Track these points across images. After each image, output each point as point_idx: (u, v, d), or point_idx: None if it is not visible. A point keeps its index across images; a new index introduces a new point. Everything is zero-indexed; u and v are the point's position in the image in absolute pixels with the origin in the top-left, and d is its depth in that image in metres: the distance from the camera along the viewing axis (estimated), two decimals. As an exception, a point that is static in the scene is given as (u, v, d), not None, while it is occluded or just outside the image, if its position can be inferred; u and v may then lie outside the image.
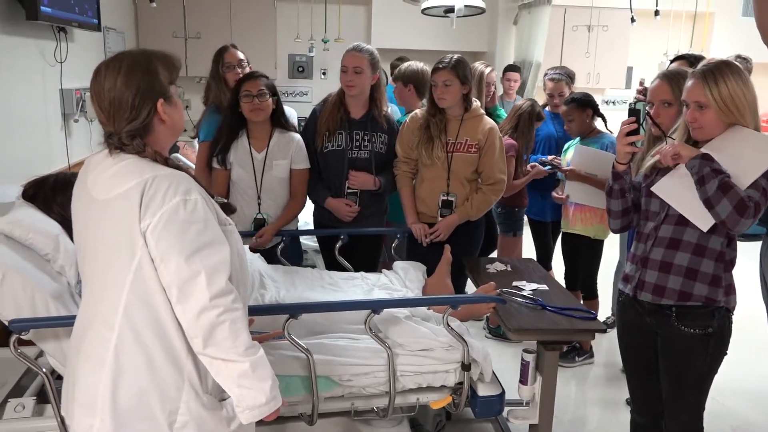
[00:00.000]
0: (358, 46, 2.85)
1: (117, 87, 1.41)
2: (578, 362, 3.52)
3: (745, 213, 1.72)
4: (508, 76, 5.35)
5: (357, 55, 2.79)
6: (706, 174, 1.76)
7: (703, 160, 1.79)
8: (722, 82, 1.78)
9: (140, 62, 1.44)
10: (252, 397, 1.41)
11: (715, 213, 1.76)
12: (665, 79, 2.21)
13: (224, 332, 1.36)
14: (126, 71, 1.42)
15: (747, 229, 1.76)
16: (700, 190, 1.78)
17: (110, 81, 1.41)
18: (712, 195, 1.75)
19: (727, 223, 1.75)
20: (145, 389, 1.38)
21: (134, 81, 1.41)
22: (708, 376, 1.94)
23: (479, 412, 2.16)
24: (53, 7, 3.34)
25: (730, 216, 1.73)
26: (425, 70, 3.32)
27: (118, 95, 1.41)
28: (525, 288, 2.47)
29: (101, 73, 1.43)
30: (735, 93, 1.78)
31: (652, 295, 1.93)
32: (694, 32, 6.05)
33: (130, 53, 1.48)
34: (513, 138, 3.47)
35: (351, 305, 2.20)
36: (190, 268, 1.34)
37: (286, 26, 6.25)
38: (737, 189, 1.74)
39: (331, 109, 2.86)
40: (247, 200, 2.84)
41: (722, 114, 1.80)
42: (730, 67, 1.81)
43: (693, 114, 1.84)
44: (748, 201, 1.73)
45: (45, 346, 1.82)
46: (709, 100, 1.79)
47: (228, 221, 1.54)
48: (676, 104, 2.15)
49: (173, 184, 1.37)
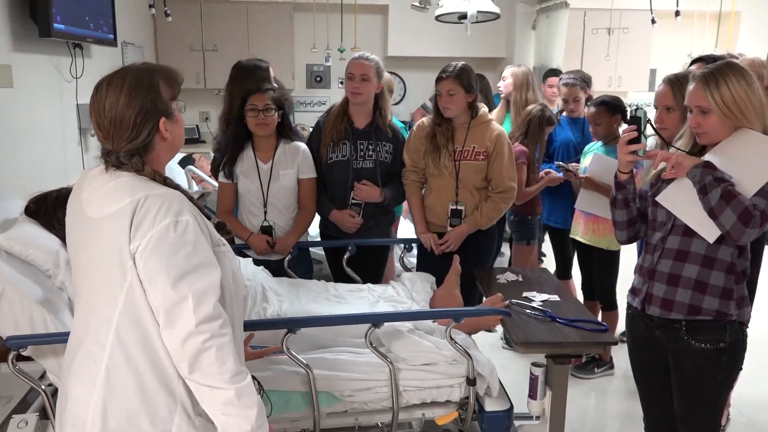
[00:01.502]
0: (363, 54, 2.84)
1: (119, 106, 1.38)
2: (597, 374, 3.42)
3: (750, 222, 1.64)
4: (549, 82, 4.84)
5: (364, 63, 2.77)
6: (708, 183, 1.69)
7: (704, 168, 1.71)
8: (724, 85, 1.70)
9: (143, 80, 1.41)
10: (237, 425, 1.37)
11: (720, 223, 1.68)
12: (668, 84, 2.13)
13: (210, 358, 1.33)
14: (128, 90, 1.38)
15: (754, 238, 1.68)
16: (702, 200, 1.70)
17: (111, 99, 1.38)
18: (715, 205, 1.67)
19: (732, 234, 1.67)
20: (135, 411, 1.36)
21: (137, 100, 1.38)
22: (721, 393, 1.85)
23: (486, 428, 2.10)
24: (67, 24, 3.39)
25: (734, 227, 1.65)
26: None
27: (119, 115, 1.38)
28: (535, 299, 2.40)
29: (102, 91, 1.40)
30: (738, 96, 1.70)
31: (660, 309, 1.85)
32: (720, 32, 5.90)
33: (131, 69, 1.44)
34: (524, 144, 3.40)
35: (350, 319, 2.16)
36: (176, 292, 1.31)
37: (302, 37, 6.28)
38: (741, 198, 1.66)
39: (335, 120, 2.84)
40: (254, 211, 2.83)
41: (726, 118, 1.72)
42: (733, 68, 1.73)
43: (696, 119, 1.76)
44: (753, 210, 1.65)
45: (44, 363, 1.82)
46: (711, 105, 1.72)
47: (222, 242, 1.50)
48: (678, 109, 2.07)
49: (165, 204, 1.35)
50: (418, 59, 6.52)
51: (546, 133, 3.46)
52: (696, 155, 1.83)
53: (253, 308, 2.21)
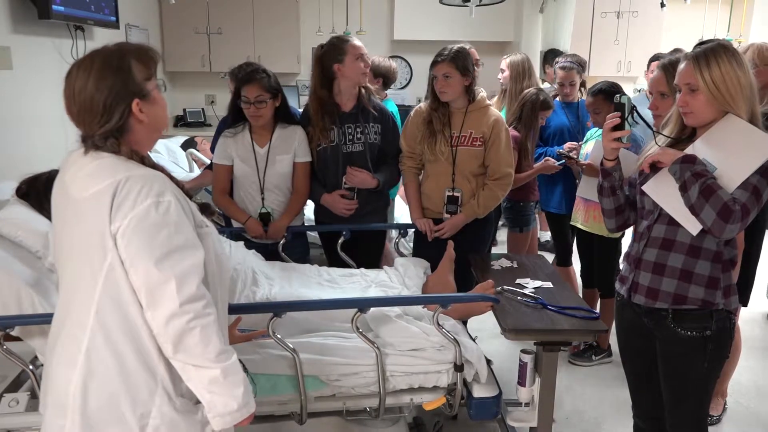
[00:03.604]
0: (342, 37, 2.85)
1: (87, 89, 1.36)
2: (595, 361, 3.41)
3: (730, 218, 1.61)
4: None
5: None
6: (687, 179, 1.66)
7: (683, 163, 1.68)
8: (715, 64, 1.66)
9: (111, 61, 1.38)
10: (223, 403, 1.39)
11: (701, 220, 1.66)
12: (662, 69, 2.09)
13: (195, 338, 1.33)
14: (97, 72, 1.36)
15: (737, 233, 1.65)
16: (683, 197, 1.68)
17: (81, 82, 1.36)
18: (695, 201, 1.65)
19: (713, 231, 1.65)
20: (116, 392, 1.37)
21: (105, 82, 1.36)
22: (708, 380, 1.83)
23: (474, 414, 2.10)
24: (66, 6, 3.39)
25: (715, 224, 1.63)
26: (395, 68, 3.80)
27: (88, 98, 1.36)
28: (527, 286, 2.39)
29: (72, 75, 1.39)
30: (728, 76, 1.66)
31: (646, 297, 1.83)
32: (732, 16, 5.78)
33: (102, 51, 1.42)
34: (517, 129, 3.35)
35: (336, 303, 2.16)
36: (159, 273, 1.31)
37: (308, 20, 6.24)
38: (720, 193, 1.63)
39: (319, 105, 2.81)
40: (250, 196, 2.83)
41: (713, 98, 1.68)
42: (726, 48, 1.69)
43: (684, 98, 1.72)
44: (732, 205, 1.62)
45: (32, 343, 1.85)
46: (699, 83, 1.68)
47: (205, 223, 1.50)
48: (672, 95, 2.03)
49: (146, 185, 1.35)
50: (425, 43, 6.45)
51: (542, 118, 3.41)
52: (683, 142, 1.80)
53: (243, 292, 2.22)
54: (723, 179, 1.66)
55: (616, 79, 3.40)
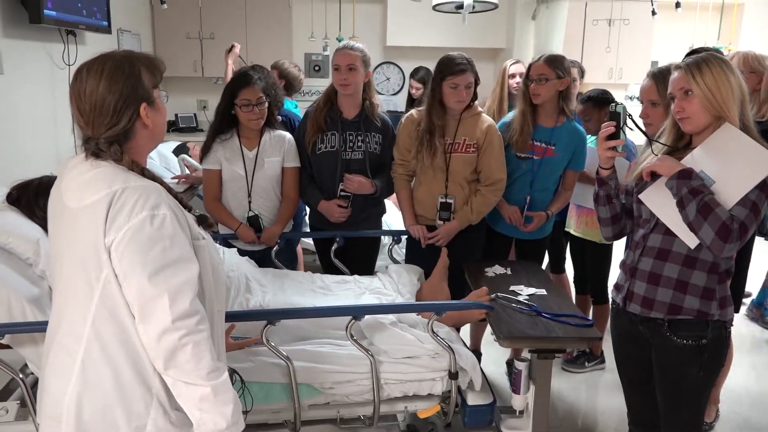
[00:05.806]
0: (348, 44, 2.80)
1: (99, 91, 1.36)
2: (588, 368, 3.41)
3: (729, 238, 1.62)
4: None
5: (349, 53, 2.72)
6: (685, 196, 1.67)
7: (680, 179, 1.69)
8: (707, 70, 1.69)
9: (123, 66, 1.40)
10: (213, 421, 1.37)
11: (700, 238, 1.67)
12: (652, 78, 2.11)
13: (186, 355, 1.32)
14: (108, 75, 1.37)
15: (736, 251, 1.66)
16: (681, 213, 1.69)
17: (92, 84, 1.37)
18: (693, 219, 1.65)
19: (712, 250, 1.66)
20: (110, 404, 1.35)
21: (117, 86, 1.37)
22: (704, 389, 1.83)
23: (468, 422, 2.10)
24: (58, 10, 3.36)
25: (713, 243, 1.63)
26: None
27: (99, 99, 1.36)
28: (522, 293, 2.38)
29: (83, 75, 1.39)
30: (720, 80, 1.68)
31: (641, 307, 1.84)
32: (722, 24, 5.83)
33: (112, 55, 1.43)
34: None
35: (330, 311, 2.16)
36: (152, 287, 1.30)
37: (301, 25, 6.23)
38: (718, 211, 1.63)
39: (321, 110, 2.80)
40: (237, 199, 2.82)
41: (707, 102, 1.70)
42: (716, 57, 1.72)
43: (680, 103, 1.74)
44: (731, 224, 1.62)
45: (22, 351, 1.82)
46: (693, 86, 1.70)
47: (201, 235, 1.48)
48: (662, 103, 2.04)
49: (142, 197, 1.33)
50: (418, 49, 6.47)
51: None
52: (680, 151, 1.81)
53: (236, 299, 2.20)
54: (721, 194, 1.67)
55: (607, 87, 3.42)
